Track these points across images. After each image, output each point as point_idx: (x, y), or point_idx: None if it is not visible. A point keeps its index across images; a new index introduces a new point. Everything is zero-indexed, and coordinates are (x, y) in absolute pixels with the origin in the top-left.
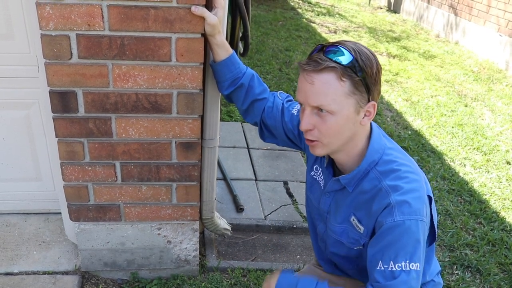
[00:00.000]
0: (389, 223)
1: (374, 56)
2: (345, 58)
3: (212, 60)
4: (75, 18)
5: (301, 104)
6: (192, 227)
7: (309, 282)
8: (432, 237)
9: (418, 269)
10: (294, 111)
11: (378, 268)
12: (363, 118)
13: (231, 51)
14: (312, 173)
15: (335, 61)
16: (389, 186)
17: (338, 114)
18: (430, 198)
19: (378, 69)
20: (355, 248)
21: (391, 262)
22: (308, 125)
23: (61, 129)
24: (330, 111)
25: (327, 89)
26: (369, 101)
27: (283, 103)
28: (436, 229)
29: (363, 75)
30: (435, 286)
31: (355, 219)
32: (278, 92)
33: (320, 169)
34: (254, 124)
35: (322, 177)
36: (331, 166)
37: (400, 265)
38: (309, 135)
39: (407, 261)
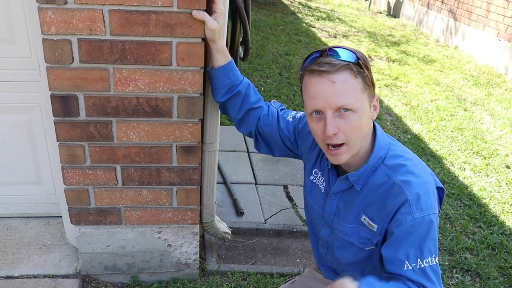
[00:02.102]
0: (409, 221)
1: None
2: (350, 57)
3: (210, 67)
4: (77, 22)
5: (316, 112)
6: (192, 230)
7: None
8: None
9: (438, 261)
10: (289, 118)
11: (406, 268)
12: (372, 112)
13: (230, 57)
14: (311, 177)
15: (346, 60)
16: (401, 182)
17: (360, 110)
18: (441, 189)
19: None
20: (366, 249)
21: (418, 259)
22: (334, 129)
23: (62, 133)
24: (353, 109)
25: (348, 87)
26: (373, 95)
27: (277, 111)
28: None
29: (368, 70)
30: None
31: (366, 218)
32: (272, 101)
33: (320, 173)
34: (249, 134)
35: (322, 180)
36: (335, 168)
37: (427, 260)
38: (335, 139)
39: (433, 256)
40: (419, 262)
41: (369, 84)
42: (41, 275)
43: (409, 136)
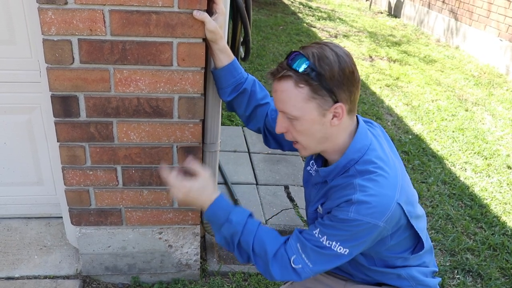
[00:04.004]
0: (343, 215)
1: (340, 57)
2: (300, 65)
3: (213, 67)
4: (77, 23)
5: None
6: (193, 231)
7: (242, 213)
8: (413, 242)
9: (344, 253)
10: None
11: (314, 232)
12: (332, 119)
13: (232, 56)
14: (308, 167)
15: (292, 69)
16: (358, 184)
17: (302, 118)
18: (400, 205)
19: (344, 70)
20: None
21: (326, 237)
22: (281, 128)
23: (63, 134)
24: (293, 117)
25: (286, 96)
26: (335, 102)
27: None
28: (421, 238)
29: (321, 79)
30: None
31: (320, 207)
32: None
33: (315, 165)
34: (257, 130)
35: (315, 171)
36: (321, 159)
37: (330, 242)
38: (287, 136)
39: (338, 243)
40: (324, 239)
41: (321, 93)
42: (42, 276)
43: (410, 137)
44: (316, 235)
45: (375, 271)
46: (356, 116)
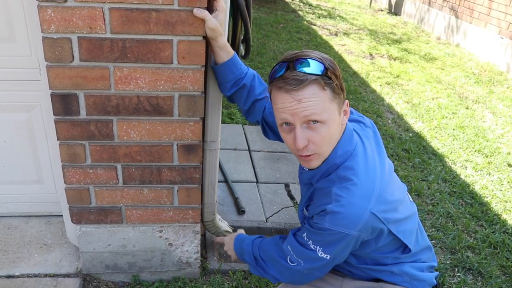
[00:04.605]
0: (320, 224)
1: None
2: (318, 69)
3: (213, 62)
4: (77, 21)
5: (286, 124)
6: (193, 229)
7: (249, 238)
8: (402, 242)
9: (326, 258)
10: None
11: (304, 235)
12: (343, 117)
13: (232, 52)
14: None
15: (312, 74)
16: (335, 194)
17: (329, 121)
18: (374, 214)
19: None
20: None
21: (311, 242)
22: (304, 141)
23: (63, 132)
24: (321, 121)
25: (315, 101)
26: (343, 101)
27: None
28: (404, 240)
29: (337, 78)
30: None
31: (305, 210)
32: None
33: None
34: (256, 123)
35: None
36: None
37: (315, 247)
38: (306, 151)
39: (321, 249)
40: (311, 243)
41: (338, 92)
42: (42, 274)
43: (410, 134)
44: (305, 238)
45: (368, 269)
46: None
